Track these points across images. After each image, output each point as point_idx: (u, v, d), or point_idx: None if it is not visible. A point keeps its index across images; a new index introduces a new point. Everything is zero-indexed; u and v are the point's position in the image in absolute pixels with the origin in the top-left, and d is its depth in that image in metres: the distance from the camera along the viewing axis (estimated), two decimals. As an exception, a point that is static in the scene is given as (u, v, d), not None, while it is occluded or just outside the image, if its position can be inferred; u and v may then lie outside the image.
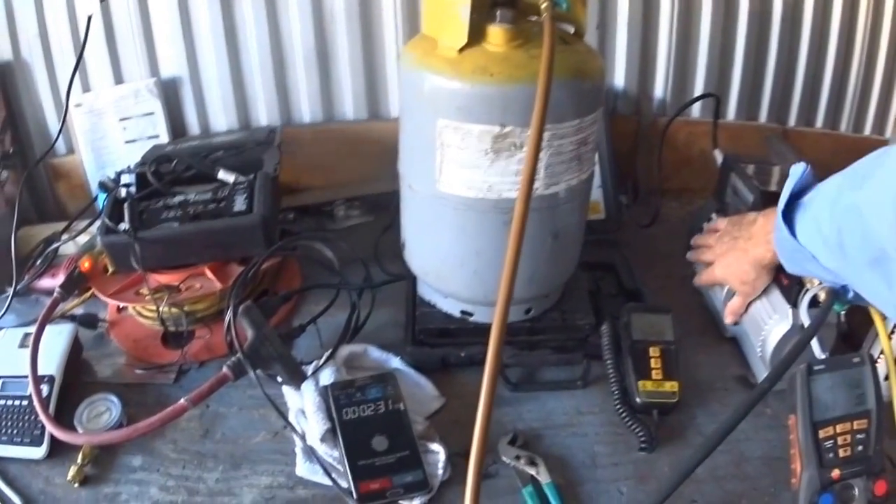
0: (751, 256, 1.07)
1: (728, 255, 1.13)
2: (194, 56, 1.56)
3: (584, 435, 1.03)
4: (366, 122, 1.64)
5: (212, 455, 1.02)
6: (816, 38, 1.57)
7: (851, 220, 0.77)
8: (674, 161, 1.58)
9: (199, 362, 1.18)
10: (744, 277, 1.09)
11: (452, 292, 1.14)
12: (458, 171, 0.98)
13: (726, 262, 1.13)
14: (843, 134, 1.65)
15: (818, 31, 1.56)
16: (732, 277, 1.12)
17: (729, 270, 1.12)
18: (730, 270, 1.12)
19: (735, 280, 1.11)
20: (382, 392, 1.03)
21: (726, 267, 1.13)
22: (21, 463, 1.01)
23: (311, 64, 1.58)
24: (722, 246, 1.15)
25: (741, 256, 1.09)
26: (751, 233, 1.08)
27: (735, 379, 1.13)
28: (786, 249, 0.92)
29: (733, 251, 1.11)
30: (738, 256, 1.10)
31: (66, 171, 1.60)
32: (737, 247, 1.11)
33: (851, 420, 0.86)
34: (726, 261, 1.13)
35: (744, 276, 1.09)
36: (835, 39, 1.56)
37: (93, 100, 1.54)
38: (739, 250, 1.10)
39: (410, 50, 1.03)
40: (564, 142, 0.97)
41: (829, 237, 0.82)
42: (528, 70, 0.90)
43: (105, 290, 1.20)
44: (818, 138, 1.63)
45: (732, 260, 1.11)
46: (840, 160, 0.84)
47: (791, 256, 0.92)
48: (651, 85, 1.62)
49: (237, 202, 1.18)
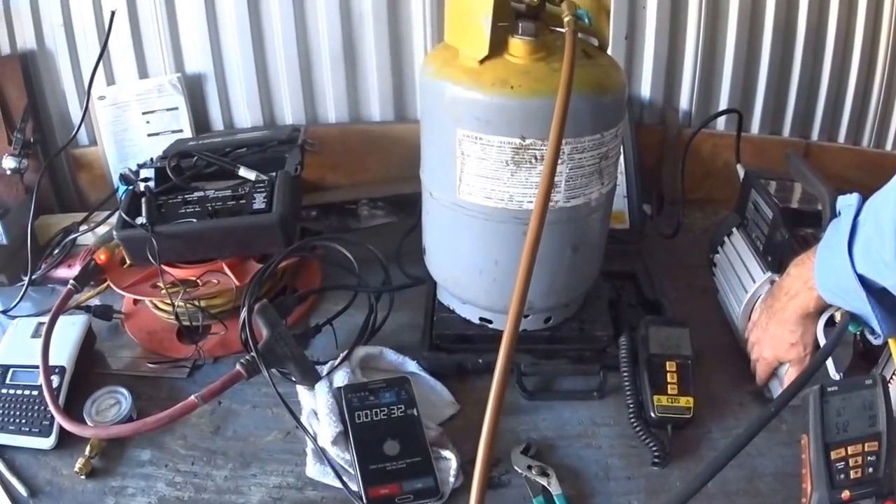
0: (790, 314, 0.98)
1: (769, 329, 1.03)
2: (220, 52, 1.56)
3: (598, 447, 1.02)
4: (392, 123, 1.64)
5: (221, 452, 1.02)
6: (839, 54, 1.56)
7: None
8: (698, 172, 1.57)
9: (214, 358, 1.18)
10: (791, 339, 0.99)
11: (471, 299, 1.13)
12: (478, 181, 0.97)
13: (770, 336, 1.03)
14: (865, 149, 1.63)
15: (841, 47, 1.55)
16: (781, 348, 1.02)
17: (775, 342, 1.02)
18: (776, 342, 1.02)
19: (783, 348, 1.01)
20: (396, 396, 1.02)
21: (772, 340, 1.03)
22: (29, 453, 1.01)
23: (338, 64, 1.57)
24: (761, 327, 1.06)
25: (781, 320, 1.00)
26: (784, 290, 0.99)
27: (751, 394, 1.11)
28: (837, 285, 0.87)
29: (772, 322, 1.02)
30: (778, 322, 1.01)
31: (88, 162, 1.61)
32: (774, 316, 1.02)
33: (863, 442, 0.85)
34: (769, 334, 1.03)
35: (791, 336, 0.99)
36: (857, 55, 1.55)
37: (116, 93, 1.55)
38: (777, 316, 1.01)
39: (431, 59, 1.02)
40: (585, 155, 0.96)
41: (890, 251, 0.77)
42: (549, 83, 0.89)
43: (120, 283, 1.20)
44: (840, 153, 1.61)
45: (776, 330, 1.02)
46: (862, 175, 0.84)
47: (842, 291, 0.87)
48: (677, 96, 1.62)
49: (257, 200, 1.17)
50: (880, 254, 0.78)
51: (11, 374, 1.07)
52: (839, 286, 0.87)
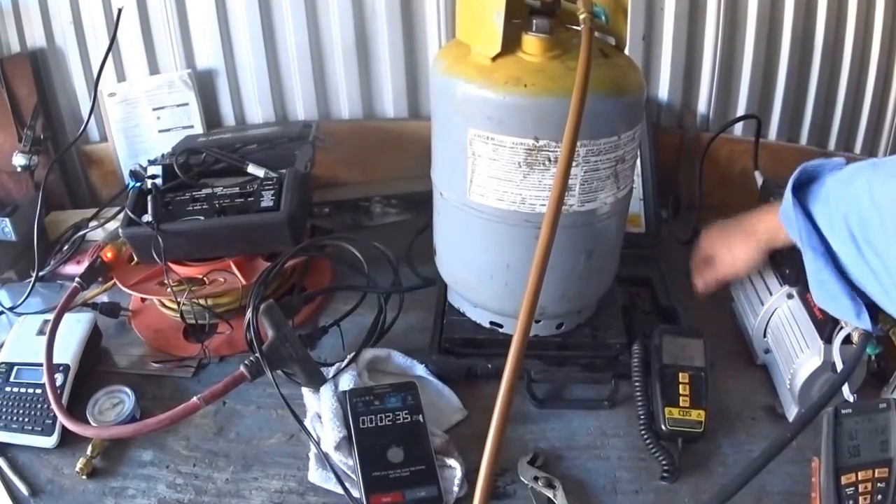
0: (745, 223, 1.04)
1: (720, 226, 1.10)
2: (230, 47, 1.56)
3: (607, 458, 1.00)
4: (406, 120, 1.62)
5: (224, 454, 1.00)
6: (857, 64, 1.53)
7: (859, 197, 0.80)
8: (715, 177, 1.54)
9: (220, 357, 1.17)
10: (728, 241, 1.06)
11: (482, 303, 1.11)
12: (490, 183, 0.95)
13: (715, 231, 1.10)
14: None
15: (858, 58, 1.53)
16: (717, 243, 1.09)
17: (715, 237, 1.10)
18: (716, 237, 1.09)
19: (718, 245, 1.09)
20: (402, 402, 1.00)
21: (713, 234, 1.10)
22: (31, 451, 1.00)
23: (351, 59, 1.56)
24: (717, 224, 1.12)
25: (734, 225, 1.06)
26: (751, 212, 1.04)
27: (763, 408, 1.08)
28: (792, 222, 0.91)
29: (727, 223, 1.08)
30: (731, 225, 1.07)
31: (98, 158, 1.61)
32: (728, 223, 1.08)
33: (873, 468, 0.83)
34: (716, 229, 1.10)
35: (729, 240, 1.06)
36: (874, 68, 1.53)
37: (127, 89, 1.54)
38: (734, 221, 1.07)
39: (443, 56, 1.00)
40: (601, 158, 0.93)
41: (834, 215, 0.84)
42: (563, 83, 0.86)
43: (127, 281, 1.19)
44: (856, 163, 1.59)
45: (724, 228, 1.08)
46: None
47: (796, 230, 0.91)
48: (695, 99, 1.59)
49: (265, 198, 1.15)
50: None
51: (16, 371, 1.06)
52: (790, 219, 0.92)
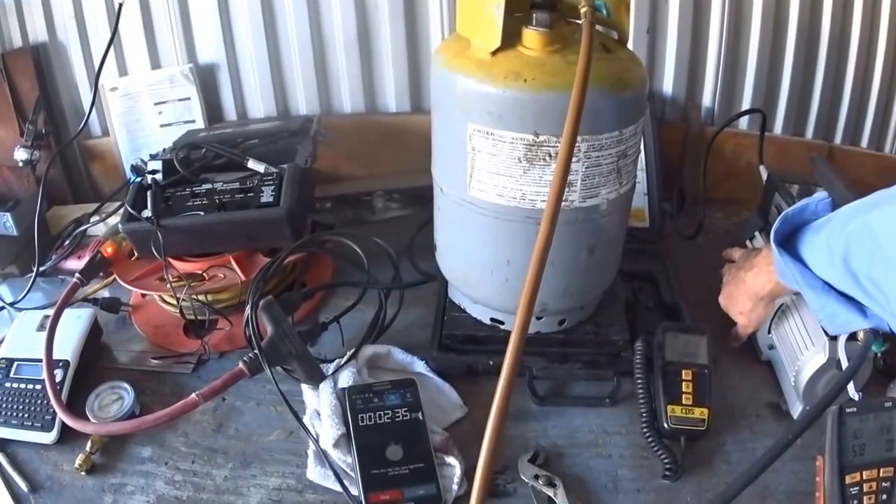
0: (748, 287, 1.06)
1: (730, 284, 1.13)
2: (232, 42, 1.55)
3: (608, 456, 0.99)
4: (408, 114, 1.61)
5: (223, 451, 1.00)
6: (863, 58, 1.52)
7: (859, 238, 0.81)
8: (720, 171, 1.54)
9: (220, 353, 1.16)
10: (741, 308, 1.09)
11: (482, 299, 1.10)
12: (490, 178, 0.94)
13: (727, 292, 1.13)
14: (888, 155, 1.59)
15: (865, 51, 1.51)
16: (731, 308, 1.12)
17: (730, 300, 1.12)
18: (730, 300, 1.12)
19: (734, 310, 1.11)
20: (401, 399, 0.99)
21: (727, 297, 1.13)
22: (31, 447, 1.00)
23: (353, 54, 1.55)
24: (728, 275, 1.15)
25: (740, 287, 1.09)
26: (752, 263, 1.07)
27: (768, 405, 1.07)
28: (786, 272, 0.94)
29: (734, 281, 1.11)
30: (738, 286, 1.09)
31: (100, 153, 1.61)
32: (738, 277, 1.10)
33: (878, 467, 0.82)
34: (728, 290, 1.13)
35: (741, 307, 1.09)
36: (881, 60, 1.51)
37: (129, 83, 1.54)
38: (739, 281, 1.09)
39: (443, 50, 0.99)
40: (603, 154, 0.92)
41: (835, 257, 0.84)
42: (564, 77, 0.85)
43: (127, 276, 1.19)
44: (863, 158, 1.58)
45: (733, 290, 1.11)
46: (885, 181, 0.84)
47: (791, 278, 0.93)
48: (699, 93, 1.58)
49: (264, 193, 1.15)
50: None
51: (16, 367, 1.06)
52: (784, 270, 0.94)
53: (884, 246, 0.77)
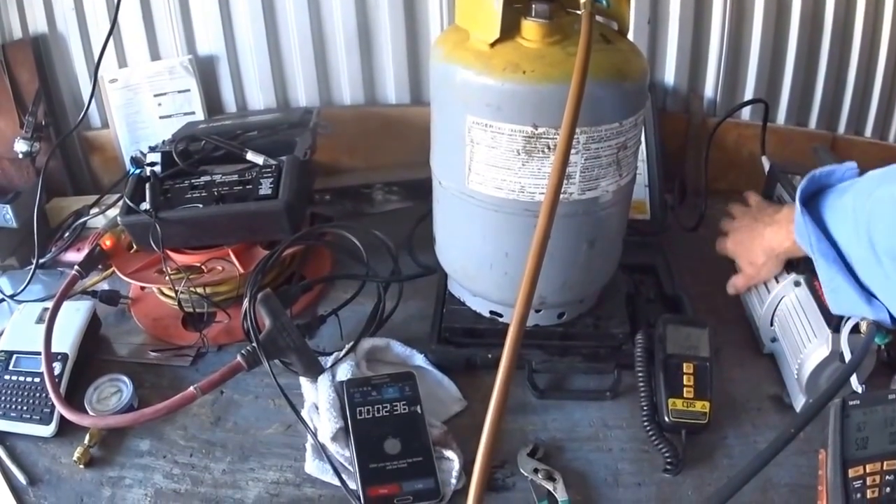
0: (766, 241, 1.06)
1: (743, 231, 1.13)
2: (232, 33, 1.54)
3: (609, 450, 0.98)
4: (408, 106, 1.61)
5: (221, 444, 1.00)
6: (867, 47, 1.51)
7: (885, 209, 0.79)
8: (722, 162, 1.53)
9: (218, 346, 1.16)
10: (752, 259, 1.09)
11: (481, 292, 1.09)
12: (489, 171, 0.93)
13: (739, 239, 1.13)
14: (892, 144, 1.59)
15: (868, 40, 1.50)
16: (742, 256, 1.12)
17: (741, 248, 1.12)
18: (741, 248, 1.12)
19: (743, 259, 1.12)
20: (400, 392, 0.99)
21: (738, 244, 1.13)
22: (29, 440, 1.00)
23: (353, 45, 1.54)
24: (742, 220, 1.15)
25: (756, 238, 1.08)
26: (774, 219, 1.06)
27: (770, 398, 1.06)
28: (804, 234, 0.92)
29: (750, 230, 1.11)
30: (752, 237, 1.09)
31: (100, 145, 1.60)
32: (755, 228, 1.10)
33: (882, 460, 0.81)
34: (740, 237, 1.13)
35: (753, 257, 1.09)
36: (885, 49, 1.50)
37: (128, 75, 1.53)
38: (756, 232, 1.09)
39: (441, 42, 0.98)
40: (602, 145, 0.91)
41: (859, 223, 0.83)
42: (563, 69, 0.84)
43: (126, 269, 1.18)
44: (867, 147, 1.57)
45: (746, 238, 1.11)
46: None
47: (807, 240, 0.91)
48: (701, 84, 1.57)
49: (263, 185, 1.14)
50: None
51: (15, 360, 1.06)
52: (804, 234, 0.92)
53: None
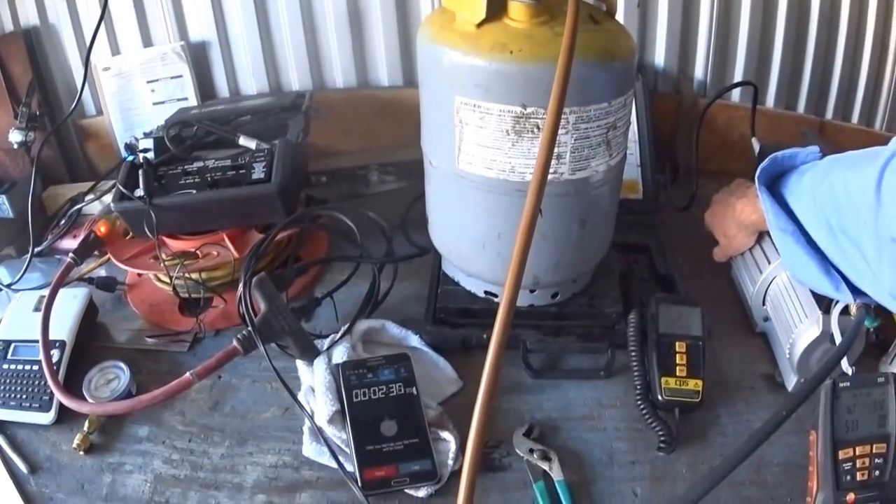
0: (736, 213, 1.12)
1: (719, 205, 1.19)
2: (223, 19, 1.54)
3: (603, 429, 0.99)
4: (401, 88, 1.61)
5: (219, 429, 1.01)
6: (853, 32, 1.51)
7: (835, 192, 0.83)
8: (713, 143, 1.53)
9: (215, 331, 1.17)
10: (725, 230, 1.17)
11: (475, 272, 1.10)
12: (478, 151, 0.93)
13: (715, 211, 1.20)
14: (878, 132, 1.58)
15: (854, 25, 1.50)
16: (717, 227, 1.20)
17: (716, 220, 1.20)
18: (716, 220, 1.19)
19: (718, 230, 1.19)
20: (395, 374, 1.00)
21: (714, 216, 1.20)
22: (29, 428, 1.01)
23: (343, 28, 1.54)
24: (720, 195, 1.21)
25: (728, 211, 1.15)
26: (745, 193, 1.12)
27: (763, 377, 1.07)
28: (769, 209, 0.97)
29: (724, 204, 1.17)
30: (725, 210, 1.16)
31: (95, 132, 1.61)
32: (728, 202, 1.16)
33: (871, 443, 0.82)
34: (715, 209, 1.20)
35: (726, 228, 1.17)
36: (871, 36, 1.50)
37: (121, 63, 1.53)
38: (729, 206, 1.15)
39: (428, 23, 0.98)
40: (591, 125, 0.91)
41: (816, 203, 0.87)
42: (551, 49, 0.84)
43: (121, 255, 1.19)
44: (854, 134, 1.57)
45: (720, 211, 1.18)
46: None
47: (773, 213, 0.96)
48: (691, 65, 1.57)
49: (256, 170, 1.14)
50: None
51: (13, 348, 1.07)
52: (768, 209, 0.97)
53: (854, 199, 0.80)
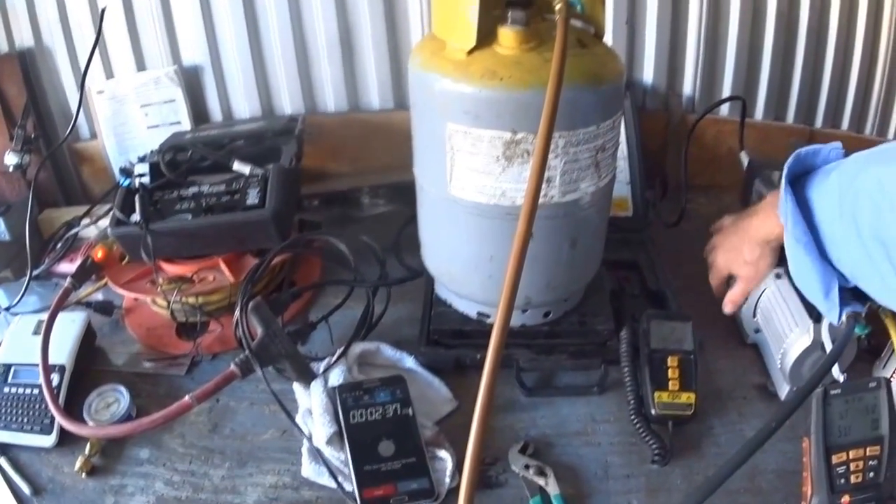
0: (755, 232, 1.03)
1: (729, 237, 1.10)
2: (215, 43, 1.55)
3: (598, 444, 1.01)
4: (392, 111, 1.62)
5: (219, 451, 1.01)
6: (843, 41, 1.54)
7: (869, 192, 0.79)
8: (702, 158, 1.55)
9: (212, 354, 1.17)
10: (747, 257, 1.05)
11: (468, 294, 1.12)
12: (470, 176, 0.95)
13: (728, 247, 1.09)
14: (869, 137, 1.62)
15: (844, 34, 1.53)
16: (734, 261, 1.08)
17: (732, 254, 1.08)
18: (732, 254, 1.08)
19: (737, 263, 1.07)
20: (391, 396, 1.01)
21: (728, 251, 1.09)
22: (31, 451, 1.02)
23: (335, 51, 1.56)
24: (725, 232, 1.12)
25: (743, 236, 1.05)
26: (757, 209, 1.04)
27: (755, 387, 1.09)
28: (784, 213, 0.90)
29: (736, 232, 1.08)
30: (740, 237, 1.06)
31: (89, 156, 1.61)
32: (740, 227, 1.07)
33: (865, 446, 0.83)
34: (728, 244, 1.10)
35: (747, 255, 1.04)
36: (860, 43, 1.53)
37: (115, 86, 1.54)
38: (741, 231, 1.06)
39: (419, 51, 1.00)
40: (580, 149, 0.93)
41: (844, 205, 0.82)
42: (540, 74, 0.85)
43: (119, 280, 1.20)
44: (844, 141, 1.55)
45: (735, 241, 1.07)
46: None
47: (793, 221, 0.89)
48: (680, 81, 1.59)
49: (250, 195, 1.16)
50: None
51: (13, 372, 1.07)
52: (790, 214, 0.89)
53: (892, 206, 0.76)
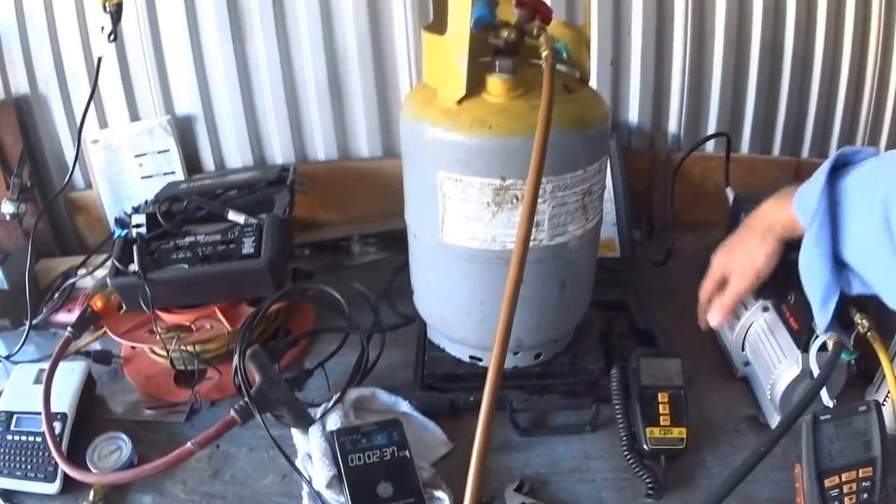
0: (761, 217, 0.97)
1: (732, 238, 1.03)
2: (208, 94, 1.57)
3: (592, 481, 1.02)
4: (381, 159, 1.64)
5: (220, 496, 1.02)
6: (828, 72, 1.56)
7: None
8: (689, 195, 1.57)
9: (211, 402, 1.19)
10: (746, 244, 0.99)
11: (460, 339, 1.13)
12: (461, 223, 0.97)
13: (728, 244, 1.03)
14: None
15: (829, 65, 1.56)
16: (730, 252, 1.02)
17: (728, 249, 1.02)
18: (729, 248, 1.02)
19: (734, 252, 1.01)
20: (388, 438, 1.02)
21: (726, 247, 1.03)
22: (36, 498, 1.03)
23: (325, 101, 1.58)
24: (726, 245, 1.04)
25: (746, 225, 1.00)
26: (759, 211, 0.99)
27: (746, 419, 1.11)
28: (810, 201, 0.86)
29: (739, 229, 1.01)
30: (743, 228, 1.00)
31: (84, 206, 1.62)
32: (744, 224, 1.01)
33: (857, 468, 0.85)
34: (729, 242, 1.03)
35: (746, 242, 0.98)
36: (846, 74, 1.56)
37: (109, 136, 1.56)
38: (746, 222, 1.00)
39: (410, 100, 1.02)
40: (568, 193, 0.95)
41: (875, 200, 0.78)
42: (527, 121, 0.88)
43: (117, 329, 1.21)
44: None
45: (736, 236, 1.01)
46: None
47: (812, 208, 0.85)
48: (665, 120, 1.62)
49: (245, 245, 1.18)
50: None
51: (16, 420, 1.08)
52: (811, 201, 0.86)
53: None
